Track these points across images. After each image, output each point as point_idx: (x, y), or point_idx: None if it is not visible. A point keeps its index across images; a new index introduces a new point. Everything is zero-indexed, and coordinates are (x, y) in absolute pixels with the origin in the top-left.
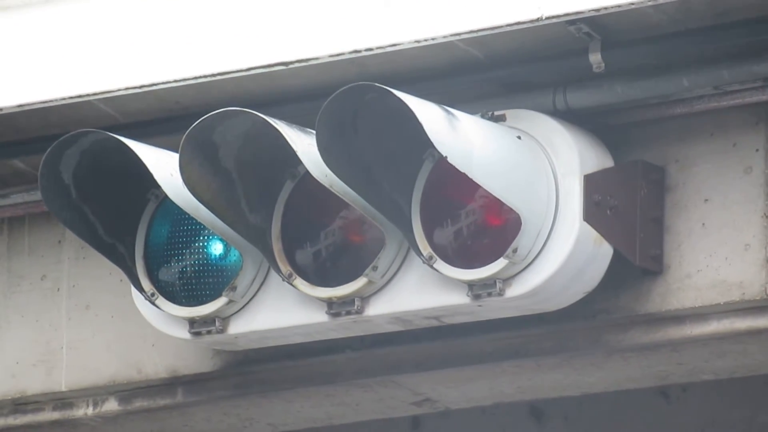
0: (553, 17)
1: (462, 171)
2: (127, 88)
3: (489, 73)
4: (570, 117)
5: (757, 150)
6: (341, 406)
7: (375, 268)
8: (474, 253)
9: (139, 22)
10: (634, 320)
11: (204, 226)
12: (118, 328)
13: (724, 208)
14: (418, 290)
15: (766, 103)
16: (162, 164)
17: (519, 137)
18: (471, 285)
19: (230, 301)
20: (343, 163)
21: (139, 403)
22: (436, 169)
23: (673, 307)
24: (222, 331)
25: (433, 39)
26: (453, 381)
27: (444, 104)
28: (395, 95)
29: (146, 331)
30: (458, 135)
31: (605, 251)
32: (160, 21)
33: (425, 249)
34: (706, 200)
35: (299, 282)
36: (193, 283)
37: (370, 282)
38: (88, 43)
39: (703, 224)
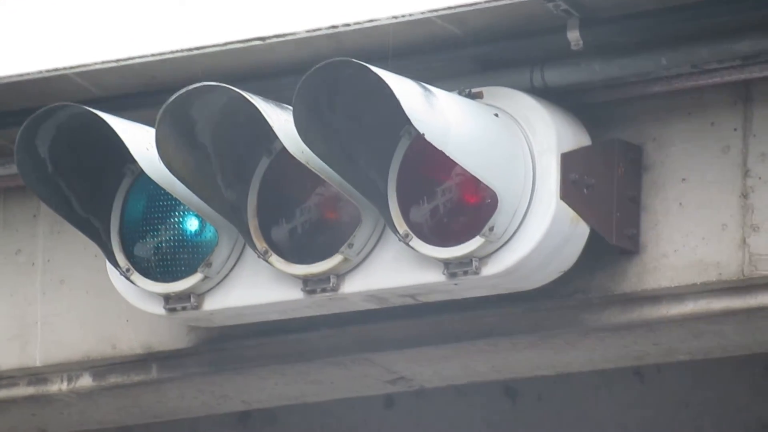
0: None
1: (439, 148)
2: (103, 62)
3: (466, 49)
4: (547, 95)
5: (735, 129)
6: (315, 383)
7: (351, 246)
8: (450, 231)
9: None
10: (610, 300)
11: (180, 202)
12: (93, 304)
13: (701, 187)
14: (393, 268)
15: (745, 82)
16: (138, 139)
17: (496, 115)
18: (447, 263)
19: (205, 278)
20: (319, 139)
21: (113, 379)
22: (412, 147)
23: (649, 287)
24: (197, 307)
25: (410, 15)
26: (428, 360)
27: (421, 81)
28: (372, 71)
29: (121, 306)
30: (435, 112)
31: (582, 230)
32: None
33: (401, 227)
34: (684, 180)
35: (275, 259)
36: (169, 259)
37: (345, 259)
38: (64, 16)
39: (681, 204)
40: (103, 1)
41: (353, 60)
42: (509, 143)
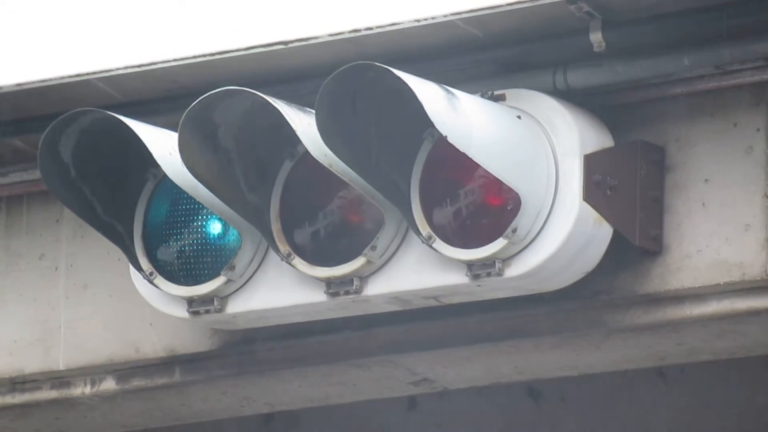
0: None
1: (462, 151)
2: (126, 67)
3: (489, 52)
4: (570, 97)
5: (758, 130)
6: (339, 385)
7: (374, 248)
8: (473, 233)
9: (138, 1)
10: (634, 300)
11: (203, 206)
12: (116, 308)
13: (724, 188)
14: (416, 270)
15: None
16: (161, 143)
17: (519, 117)
18: (470, 265)
19: (229, 281)
20: (342, 142)
21: (136, 383)
22: (435, 149)
23: (672, 288)
24: (220, 310)
25: (433, 18)
26: (451, 361)
27: (444, 84)
28: (395, 74)
29: (144, 310)
30: (458, 114)
31: (605, 231)
32: (159, 0)
33: (424, 229)
34: (707, 180)
35: (298, 261)
36: (192, 263)
37: (368, 262)
38: (88, 22)
39: (703, 204)
40: (125, 6)
41: (375, 63)
42: (532, 145)
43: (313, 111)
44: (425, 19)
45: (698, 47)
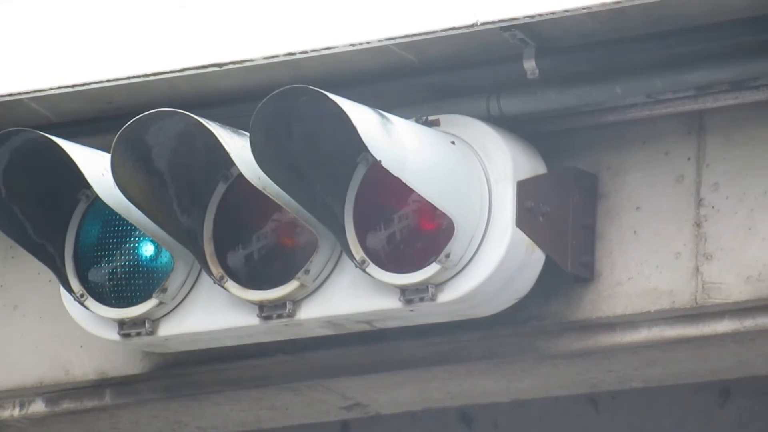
0: (488, 23)
1: (395, 175)
2: (59, 87)
3: (423, 77)
4: (504, 123)
5: (688, 159)
6: (271, 409)
7: (307, 272)
8: (407, 258)
9: (71, 21)
10: (566, 327)
11: (135, 227)
12: (47, 329)
13: (655, 216)
14: (350, 294)
15: (699, 112)
16: (93, 164)
17: (453, 142)
18: (403, 289)
19: (160, 303)
20: (276, 165)
21: (66, 405)
22: (369, 173)
23: (603, 314)
24: (152, 333)
25: (368, 42)
26: (383, 386)
27: (379, 108)
28: (330, 98)
29: (75, 332)
30: (392, 139)
31: (537, 257)
32: (92, 19)
33: (358, 253)
34: (638, 208)
35: (231, 284)
36: (123, 285)
37: (302, 285)
38: (19, 41)
39: (635, 232)
40: (57, 25)
41: (310, 87)
42: (466, 171)
43: (248, 133)
44: (360, 44)
45: (630, 76)
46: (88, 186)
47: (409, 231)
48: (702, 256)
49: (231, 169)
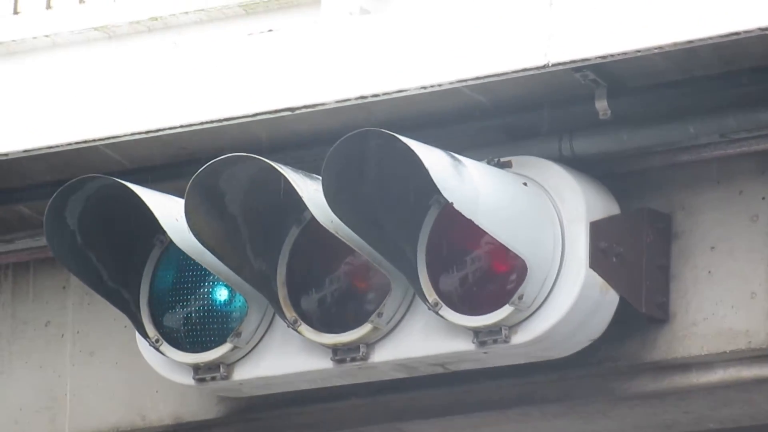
0: (560, 64)
1: (468, 217)
2: (133, 134)
3: (495, 119)
4: (576, 164)
5: (763, 198)
6: None
7: (380, 315)
8: (480, 300)
9: (144, 68)
10: (640, 368)
11: (209, 272)
12: (123, 375)
13: (730, 256)
14: (423, 337)
15: None
16: (167, 209)
17: (525, 184)
18: (476, 332)
19: (235, 348)
20: (348, 208)
21: None
22: (441, 216)
23: (679, 355)
24: (226, 377)
25: (439, 85)
26: (458, 428)
27: (450, 150)
28: (401, 141)
29: (150, 377)
30: (464, 181)
31: (611, 298)
32: (166, 67)
33: (431, 295)
34: (713, 248)
35: (304, 328)
36: (198, 329)
37: (375, 328)
38: (94, 88)
39: (710, 272)
40: (132, 73)
41: (382, 130)
42: (538, 212)
43: (320, 177)
44: (431, 86)
45: (703, 115)
46: (163, 231)
47: (481, 273)
48: None
49: (304, 212)
